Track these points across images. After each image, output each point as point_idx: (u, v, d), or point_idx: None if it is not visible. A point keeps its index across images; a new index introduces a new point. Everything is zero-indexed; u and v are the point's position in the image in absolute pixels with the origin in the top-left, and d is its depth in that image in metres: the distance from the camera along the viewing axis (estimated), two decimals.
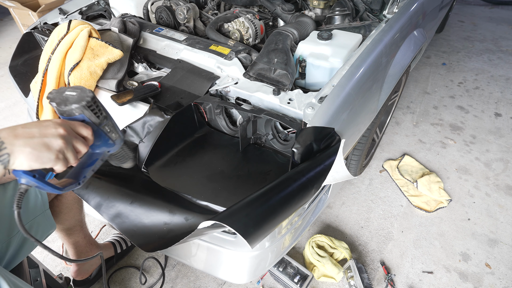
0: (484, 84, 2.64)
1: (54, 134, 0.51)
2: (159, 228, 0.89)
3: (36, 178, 0.53)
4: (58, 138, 0.51)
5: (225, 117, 1.15)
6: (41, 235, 0.94)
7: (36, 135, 0.50)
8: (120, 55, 1.12)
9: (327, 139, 0.90)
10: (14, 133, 0.49)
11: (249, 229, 0.65)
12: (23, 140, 0.48)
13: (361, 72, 1.03)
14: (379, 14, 1.38)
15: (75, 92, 0.57)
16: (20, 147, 0.48)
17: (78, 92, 0.57)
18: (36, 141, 0.49)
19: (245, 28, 1.28)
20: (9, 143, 0.47)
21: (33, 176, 0.52)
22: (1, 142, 0.47)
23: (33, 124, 0.51)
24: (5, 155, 0.47)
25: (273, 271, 1.32)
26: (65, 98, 0.56)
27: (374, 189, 1.77)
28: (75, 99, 0.56)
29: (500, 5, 4.07)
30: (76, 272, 1.26)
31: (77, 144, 0.55)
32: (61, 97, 0.56)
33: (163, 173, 1.03)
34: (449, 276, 1.40)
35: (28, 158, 0.49)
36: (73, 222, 1.15)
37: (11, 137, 0.48)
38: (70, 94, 0.57)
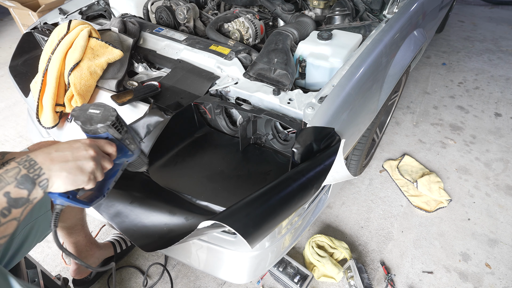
0: (484, 84, 2.64)
1: (85, 157, 0.54)
2: (159, 228, 0.89)
3: (70, 198, 0.57)
4: (89, 160, 0.55)
5: (225, 117, 1.15)
6: (40, 235, 0.94)
7: (69, 158, 0.52)
8: (120, 55, 1.12)
9: (327, 139, 0.90)
10: (49, 157, 0.51)
11: (249, 229, 0.65)
12: (59, 165, 0.51)
13: (361, 72, 1.03)
14: (379, 14, 1.38)
15: (98, 110, 0.59)
16: (57, 171, 0.51)
17: (101, 111, 0.59)
18: (70, 165, 0.52)
19: (245, 28, 1.28)
20: (46, 168, 0.50)
21: (67, 197, 0.56)
22: (40, 168, 0.49)
23: (65, 147, 0.54)
24: (44, 180, 0.50)
25: (273, 271, 1.32)
26: (89, 116, 0.58)
27: (374, 189, 1.77)
28: (100, 119, 0.58)
29: (500, 5, 4.07)
30: (75, 271, 1.26)
31: (104, 162, 0.58)
32: (85, 115, 0.58)
33: (163, 173, 1.03)
34: (449, 276, 1.40)
35: (64, 182, 0.52)
36: (74, 221, 1.15)
37: (47, 162, 0.50)
38: (94, 113, 0.59)
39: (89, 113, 0.58)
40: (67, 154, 0.53)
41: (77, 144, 0.55)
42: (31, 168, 0.49)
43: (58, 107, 1.13)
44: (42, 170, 0.50)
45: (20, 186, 0.48)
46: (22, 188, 0.48)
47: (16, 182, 0.48)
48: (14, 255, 0.84)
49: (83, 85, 1.09)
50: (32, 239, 0.89)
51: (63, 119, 1.20)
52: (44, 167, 0.50)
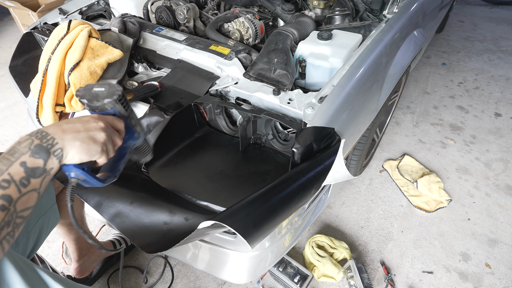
0: (484, 84, 2.64)
1: (96, 128, 0.54)
2: (159, 228, 0.89)
3: (85, 171, 0.56)
4: (101, 131, 0.54)
5: (225, 117, 1.15)
6: (50, 228, 0.96)
7: (81, 129, 0.52)
8: (120, 55, 1.12)
9: (327, 139, 0.90)
10: (61, 128, 0.51)
11: (249, 229, 0.65)
12: (71, 135, 0.51)
13: (361, 72, 1.03)
14: (379, 14, 1.38)
15: (103, 88, 0.59)
16: (70, 141, 0.51)
17: (106, 88, 0.59)
18: (83, 135, 0.52)
19: (245, 28, 1.28)
20: (59, 138, 0.50)
21: (83, 169, 0.55)
22: (52, 138, 0.49)
23: (75, 120, 0.54)
24: (58, 150, 0.49)
25: (273, 271, 1.32)
26: (95, 94, 0.58)
27: (374, 189, 1.77)
28: (106, 94, 0.58)
29: (500, 5, 4.07)
30: (76, 270, 1.27)
31: (114, 137, 0.58)
32: (90, 93, 0.58)
33: (163, 173, 1.03)
34: (449, 276, 1.40)
35: (78, 151, 0.51)
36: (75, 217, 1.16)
37: (59, 132, 0.50)
38: (99, 90, 0.59)
39: (95, 91, 0.58)
40: (78, 126, 0.53)
41: (86, 118, 0.55)
42: (44, 138, 0.49)
43: (58, 107, 1.13)
44: (55, 140, 0.50)
45: (35, 155, 0.48)
46: (37, 157, 0.48)
47: (31, 152, 0.48)
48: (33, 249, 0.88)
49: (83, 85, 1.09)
50: (45, 232, 0.92)
51: (63, 119, 1.20)
52: (57, 137, 0.50)
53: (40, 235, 0.92)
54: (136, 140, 0.68)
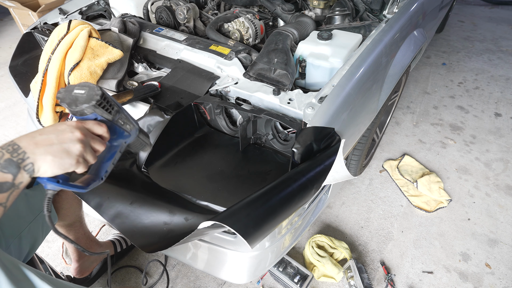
0: (484, 84, 2.64)
1: (72, 139, 0.52)
2: (159, 229, 0.89)
3: (60, 183, 0.55)
4: (76, 142, 0.52)
5: (225, 117, 1.15)
6: (47, 229, 0.96)
7: (54, 141, 0.51)
8: (120, 55, 1.12)
9: (327, 139, 0.90)
10: (33, 141, 0.49)
11: (249, 229, 0.65)
12: (43, 148, 0.50)
13: (361, 72, 1.03)
14: (379, 14, 1.38)
15: (83, 90, 0.56)
16: (42, 155, 0.49)
17: (86, 90, 0.56)
18: (55, 148, 0.50)
19: (245, 28, 1.28)
20: (30, 152, 0.49)
21: (57, 181, 0.54)
22: (23, 152, 0.48)
23: (50, 130, 0.52)
24: (29, 165, 0.48)
25: (273, 271, 1.32)
26: (74, 97, 0.56)
27: (374, 189, 1.77)
28: (85, 99, 0.55)
29: (500, 5, 4.07)
30: (76, 270, 1.27)
31: (94, 144, 0.56)
32: (70, 96, 0.56)
33: (163, 173, 1.03)
34: (449, 276, 1.40)
35: (50, 166, 0.50)
36: (73, 218, 1.16)
37: (31, 146, 0.49)
38: (79, 93, 0.56)
39: (74, 94, 0.56)
40: (52, 137, 0.51)
41: (62, 127, 0.53)
42: (15, 152, 0.48)
43: (58, 107, 1.13)
44: (26, 154, 0.48)
45: (3, 170, 0.47)
46: (6, 172, 0.47)
47: (0, 166, 0.47)
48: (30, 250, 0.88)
49: None
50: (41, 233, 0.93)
51: (63, 119, 1.20)
52: (28, 151, 0.49)
53: (36, 237, 0.91)
54: (127, 138, 0.65)
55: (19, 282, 0.63)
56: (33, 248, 0.91)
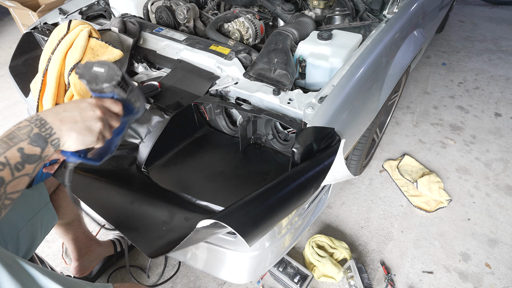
0: (484, 84, 2.64)
1: (93, 117, 0.55)
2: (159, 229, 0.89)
3: (82, 157, 0.60)
4: (97, 120, 0.56)
5: (225, 117, 1.15)
6: (46, 228, 0.96)
7: (78, 119, 0.54)
8: (120, 55, 1.12)
9: (327, 139, 0.90)
10: (59, 117, 0.53)
11: (247, 228, 0.65)
12: (68, 125, 0.53)
13: (361, 72, 1.03)
14: (379, 14, 1.38)
15: (103, 69, 0.58)
16: (67, 132, 0.53)
17: (106, 69, 0.58)
18: (79, 126, 0.54)
19: (245, 28, 1.28)
20: (57, 128, 0.52)
21: (79, 155, 0.60)
22: (50, 128, 0.51)
23: (72, 107, 0.55)
24: (56, 140, 0.52)
25: (273, 271, 1.32)
26: (94, 75, 0.57)
27: (374, 189, 1.77)
28: (105, 78, 0.57)
29: (500, 5, 4.07)
30: (76, 269, 1.27)
31: (112, 121, 0.60)
32: (90, 73, 0.57)
33: (163, 173, 1.03)
34: (449, 276, 1.40)
35: (75, 141, 0.54)
36: (71, 216, 1.16)
37: (57, 122, 0.52)
38: (99, 71, 0.57)
39: (94, 71, 0.57)
40: (75, 115, 0.54)
41: (84, 104, 0.56)
42: (43, 127, 0.51)
43: None
44: (53, 129, 0.51)
45: (33, 143, 0.50)
46: (35, 145, 0.50)
47: (29, 140, 0.49)
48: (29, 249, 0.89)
49: (83, 85, 1.09)
50: (40, 232, 0.93)
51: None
52: (55, 127, 0.52)
53: (34, 235, 0.91)
54: (135, 114, 0.68)
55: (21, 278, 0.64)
56: (31, 247, 0.91)
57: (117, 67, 0.58)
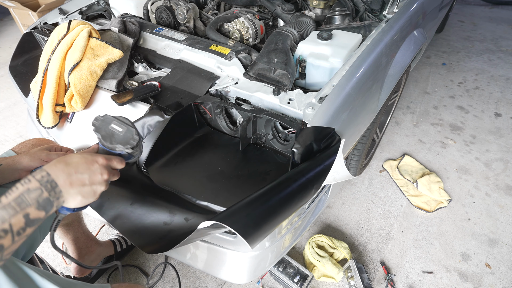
0: (484, 84, 2.64)
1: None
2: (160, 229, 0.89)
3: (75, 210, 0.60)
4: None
5: (225, 117, 1.15)
6: (45, 230, 0.96)
7: (86, 183, 0.56)
8: (120, 55, 1.12)
9: (327, 139, 0.90)
10: (69, 180, 0.54)
11: (249, 229, 0.65)
12: (77, 189, 0.55)
13: (361, 72, 1.03)
14: (379, 14, 1.38)
15: (121, 129, 0.58)
16: (74, 195, 0.55)
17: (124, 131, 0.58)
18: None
19: (245, 28, 1.28)
20: (66, 192, 0.53)
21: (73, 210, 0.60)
22: (60, 191, 0.52)
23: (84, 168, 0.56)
24: (61, 201, 0.54)
25: (273, 271, 1.32)
26: (111, 133, 0.58)
27: (374, 189, 1.77)
28: (121, 139, 0.58)
29: (500, 5, 4.07)
30: (76, 269, 1.27)
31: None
32: (107, 129, 0.58)
33: (163, 173, 1.03)
34: (449, 276, 1.40)
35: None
36: (71, 217, 1.17)
37: (67, 186, 0.53)
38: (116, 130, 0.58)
39: (111, 129, 0.58)
40: (85, 178, 0.55)
41: (94, 167, 0.57)
42: (52, 190, 0.51)
43: (58, 107, 1.13)
44: (62, 193, 0.53)
45: (40, 208, 0.50)
46: (41, 210, 0.50)
47: (37, 205, 0.49)
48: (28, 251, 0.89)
49: (83, 85, 1.09)
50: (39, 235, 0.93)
51: (63, 119, 1.20)
52: (64, 190, 0.53)
53: (34, 237, 0.91)
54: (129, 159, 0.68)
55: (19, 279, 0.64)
56: (31, 249, 0.90)
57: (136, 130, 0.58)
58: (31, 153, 0.80)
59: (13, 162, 0.77)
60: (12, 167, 0.77)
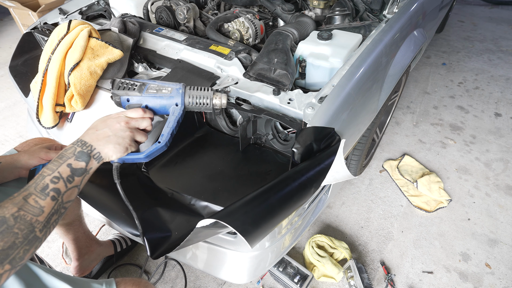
0: (484, 84, 2.64)
1: (121, 128, 0.67)
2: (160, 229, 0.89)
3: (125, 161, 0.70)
4: (125, 130, 0.67)
5: (225, 117, 1.15)
6: None
7: (110, 133, 0.66)
8: (120, 55, 1.12)
9: (327, 139, 0.90)
10: (95, 136, 0.65)
11: (247, 227, 0.65)
12: (104, 140, 0.65)
13: (361, 72, 1.03)
14: (379, 14, 1.38)
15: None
16: (104, 145, 0.65)
17: None
18: (112, 138, 0.66)
19: (245, 28, 1.28)
20: (95, 144, 0.64)
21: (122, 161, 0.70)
22: (90, 145, 0.63)
23: (103, 125, 0.67)
24: (96, 153, 0.64)
25: (273, 271, 1.32)
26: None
27: (374, 189, 1.77)
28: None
29: (500, 5, 4.07)
30: (76, 269, 1.27)
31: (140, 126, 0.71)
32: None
33: (163, 173, 1.03)
34: (449, 276, 1.40)
35: (113, 151, 0.66)
36: (72, 217, 1.16)
37: (94, 140, 0.64)
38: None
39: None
40: (106, 131, 0.66)
41: (110, 121, 0.67)
42: (83, 145, 0.63)
43: (58, 107, 1.13)
44: (93, 146, 0.63)
45: (78, 159, 0.61)
46: (80, 160, 0.61)
47: (75, 157, 0.61)
48: None
49: (83, 85, 1.09)
50: None
51: (63, 119, 1.20)
52: (94, 144, 0.64)
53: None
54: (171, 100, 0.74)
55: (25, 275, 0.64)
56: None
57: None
58: (30, 151, 0.82)
59: (12, 160, 0.80)
60: (11, 165, 0.79)
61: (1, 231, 0.50)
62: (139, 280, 0.84)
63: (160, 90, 0.71)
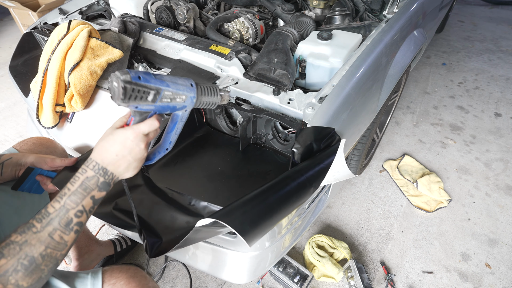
0: (484, 84, 2.64)
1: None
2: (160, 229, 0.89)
3: None
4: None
5: (225, 117, 1.15)
6: None
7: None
8: (120, 55, 1.12)
9: (327, 139, 0.90)
10: (117, 164, 0.63)
11: (246, 226, 0.65)
12: (124, 167, 0.64)
13: (361, 72, 1.03)
14: (379, 14, 1.38)
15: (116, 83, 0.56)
16: (124, 172, 0.65)
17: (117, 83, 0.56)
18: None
19: (245, 28, 1.28)
20: (116, 172, 0.64)
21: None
22: (112, 174, 0.63)
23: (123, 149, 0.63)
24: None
25: (273, 271, 1.32)
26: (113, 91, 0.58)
27: (374, 189, 1.77)
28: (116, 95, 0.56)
29: (500, 5, 4.07)
30: (76, 268, 1.27)
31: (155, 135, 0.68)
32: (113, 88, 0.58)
33: (163, 173, 1.03)
34: (449, 276, 1.40)
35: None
36: None
37: (116, 168, 0.63)
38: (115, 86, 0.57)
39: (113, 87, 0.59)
40: (127, 157, 0.63)
41: (129, 144, 0.63)
42: (106, 175, 0.63)
43: (58, 107, 1.13)
44: (114, 174, 0.64)
45: (101, 190, 0.63)
46: (102, 191, 0.63)
47: (98, 188, 0.62)
48: None
49: (83, 85, 1.09)
50: None
51: (63, 119, 1.20)
52: (115, 172, 0.64)
53: None
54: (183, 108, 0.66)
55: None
56: None
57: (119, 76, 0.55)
58: (39, 156, 0.85)
59: (21, 157, 0.83)
60: (18, 161, 0.83)
61: (30, 270, 0.54)
62: (127, 267, 0.81)
63: (175, 99, 0.63)
